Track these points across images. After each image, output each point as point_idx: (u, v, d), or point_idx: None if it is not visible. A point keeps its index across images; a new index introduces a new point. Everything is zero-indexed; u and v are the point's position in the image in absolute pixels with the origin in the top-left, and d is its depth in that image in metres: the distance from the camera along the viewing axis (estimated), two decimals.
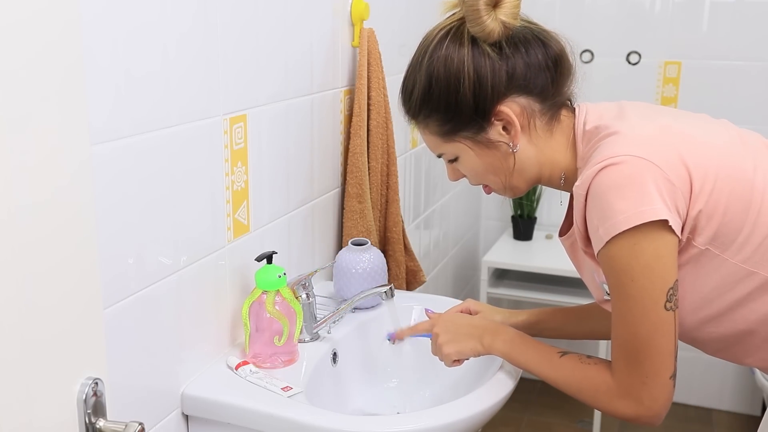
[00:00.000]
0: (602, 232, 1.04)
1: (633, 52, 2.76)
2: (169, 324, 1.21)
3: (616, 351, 1.09)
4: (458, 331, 1.29)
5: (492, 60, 1.12)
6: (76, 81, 0.78)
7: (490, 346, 1.25)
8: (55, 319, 0.78)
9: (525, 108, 1.15)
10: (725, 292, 1.09)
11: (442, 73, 1.14)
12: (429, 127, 1.20)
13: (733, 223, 1.06)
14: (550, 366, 1.18)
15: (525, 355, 1.21)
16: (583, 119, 1.17)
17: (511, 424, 2.82)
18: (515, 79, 1.13)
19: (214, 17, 1.23)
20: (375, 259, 1.58)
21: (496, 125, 1.15)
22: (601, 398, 1.12)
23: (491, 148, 1.17)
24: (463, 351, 1.27)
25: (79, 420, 0.82)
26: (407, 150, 2.14)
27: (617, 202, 1.02)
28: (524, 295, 2.68)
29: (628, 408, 1.09)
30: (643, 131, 1.09)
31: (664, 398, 1.08)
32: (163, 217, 1.17)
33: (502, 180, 1.21)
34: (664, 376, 1.07)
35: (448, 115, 1.16)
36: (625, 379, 1.08)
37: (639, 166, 1.02)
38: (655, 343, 1.05)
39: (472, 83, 1.12)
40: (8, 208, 0.70)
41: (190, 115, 1.20)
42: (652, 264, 1.03)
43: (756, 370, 2.42)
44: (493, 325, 1.29)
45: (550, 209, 2.96)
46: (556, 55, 1.15)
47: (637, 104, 1.19)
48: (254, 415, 1.21)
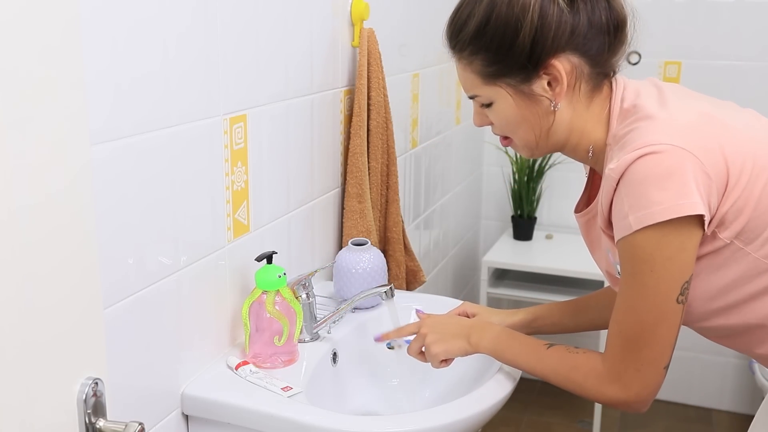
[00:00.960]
0: (633, 219, 1.02)
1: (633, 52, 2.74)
2: (169, 324, 1.21)
3: (615, 336, 1.09)
4: (445, 331, 1.28)
5: (560, 10, 1.08)
6: (76, 81, 0.78)
7: (477, 344, 1.24)
8: (55, 319, 0.78)
9: (576, 67, 1.11)
10: (742, 285, 1.08)
11: (504, 11, 1.09)
12: (472, 65, 1.14)
13: (762, 218, 1.04)
14: (537, 358, 1.17)
15: (511, 350, 1.21)
16: (621, 95, 1.14)
17: (511, 424, 2.82)
18: (576, 36, 1.09)
19: (214, 17, 1.23)
20: (375, 259, 1.58)
21: (543, 79, 1.11)
22: (589, 384, 1.11)
23: (532, 100, 1.13)
24: (451, 350, 1.26)
25: (79, 420, 0.82)
26: (407, 150, 2.14)
27: (655, 192, 1.00)
28: (524, 295, 2.68)
29: (616, 393, 1.09)
30: (684, 118, 1.06)
31: (655, 386, 1.08)
32: (163, 217, 1.17)
33: (534, 137, 1.16)
34: (660, 365, 1.07)
35: (498, 57, 1.11)
36: (618, 364, 1.08)
37: (680, 157, 1.00)
38: (659, 332, 1.05)
39: (533, 29, 1.07)
40: (8, 208, 0.70)
41: (190, 115, 1.20)
42: (675, 257, 1.02)
43: (756, 369, 2.42)
44: (481, 323, 1.28)
45: (550, 209, 2.96)
46: (619, 21, 1.12)
47: (670, 85, 1.16)
48: (254, 415, 1.21)
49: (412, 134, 2.16)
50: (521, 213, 2.87)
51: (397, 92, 1.99)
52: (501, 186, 2.97)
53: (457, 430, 1.20)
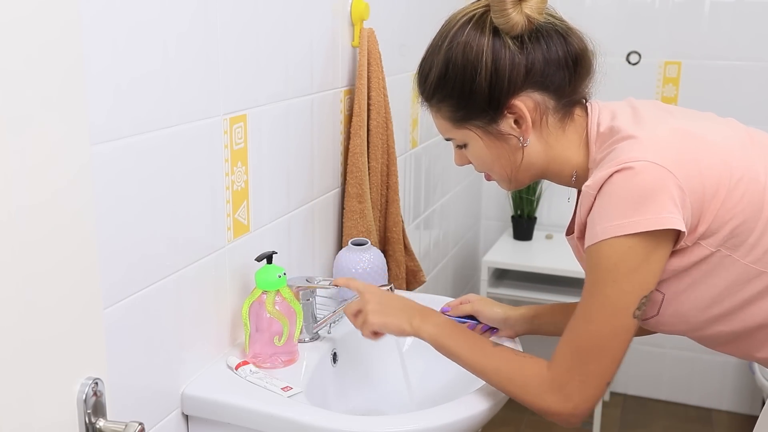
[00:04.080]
0: (600, 229, 1.03)
1: (633, 52, 2.76)
2: (169, 324, 1.21)
3: (566, 344, 1.09)
4: (389, 304, 1.26)
5: (512, 53, 1.11)
6: (76, 81, 0.78)
7: (419, 328, 1.21)
8: (55, 319, 0.78)
9: (539, 104, 1.14)
10: (735, 292, 1.09)
11: (460, 60, 1.13)
12: (441, 112, 1.19)
13: (745, 225, 1.05)
14: (481, 353, 1.16)
15: (453, 340, 1.19)
16: (596, 119, 1.16)
17: (511, 424, 2.82)
18: (533, 75, 1.11)
19: (214, 17, 1.23)
20: (375, 259, 1.58)
21: (508, 118, 1.14)
22: (530, 390, 1.10)
23: (501, 139, 1.16)
24: (388, 325, 1.24)
25: (79, 420, 0.82)
26: (407, 150, 2.14)
27: (628, 206, 1.01)
28: (524, 295, 2.68)
29: (556, 403, 1.08)
30: (659, 135, 1.07)
31: (594, 401, 1.08)
32: (162, 217, 1.17)
33: (507, 172, 1.20)
34: (603, 381, 1.07)
35: (461, 103, 1.15)
36: (564, 374, 1.08)
37: (655, 173, 1.02)
38: (610, 346, 1.06)
39: (489, 74, 1.11)
40: (8, 208, 0.70)
41: (190, 114, 1.20)
42: (639, 270, 1.03)
43: (756, 369, 2.42)
44: (426, 309, 1.25)
45: (550, 209, 2.96)
46: (577, 54, 1.14)
47: (646, 103, 1.18)
48: (254, 415, 1.21)
49: (412, 134, 2.16)
50: (521, 213, 2.87)
51: (397, 92, 1.99)
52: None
53: (457, 429, 1.20)
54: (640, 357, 2.99)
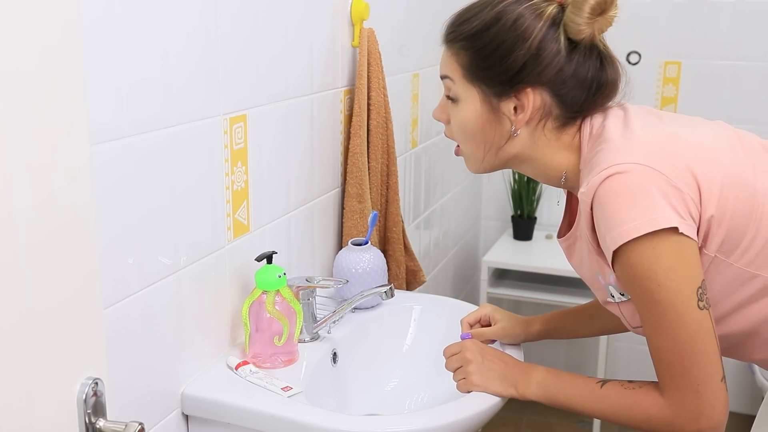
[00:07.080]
0: (609, 241, 1.03)
1: (633, 52, 2.76)
2: (169, 324, 1.21)
3: (660, 365, 1.05)
4: (491, 367, 1.24)
5: (558, 50, 1.11)
6: (76, 81, 0.78)
7: (524, 393, 1.20)
8: (55, 320, 0.78)
9: (545, 105, 1.13)
10: (729, 295, 1.09)
11: (508, 26, 1.12)
12: (459, 57, 1.17)
13: (738, 228, 1.05)
14: (594, 399, 1.13)
15: (563, 393, 1.16)
16: (590, 121, 1.16)
17: (511, 424, 2.82)
18: (558, 79, 1.12)
19: (215, 17, 1.23)
20: (375, 259, 1.58)
21: (512, 101, 1.14)
22: (655, 422, 1.06)
23: (494, 116, 1.16)
24: (489, 389, 1.22)
25: (79, 420, 0.82)
26: (407, 150, 2.14)
27: (624, 211, 1.01)
28: (524, 295, 2.68)
29: (688, 425, 1.03)
30: (648, 138, 1.08)
31: (721, 404, 1.03)
32: (162, 217, 1.17)
33: (483, 151, 1.18)
34: (715, 380, 1.02)
35: (485, 62, 1.14)
36: (676, 393, 1.04)
37: (645, 174, 1.01)
38: (697, 345, 1.02)
39: (528, 54, 1.10)
40: (8, 209, 0.70)
41: (190, 115, 1.20)
42: (676, 265, 1.01)
43: (756, 369, 2.42)
44: (523, 367, 1.23)
45: (550, 209, 2.96)
46: (605, 82, 1.14)
47: (636, 109, 1.18)
48: (254, 415, 1.21)
49: (412, 134, 2.16)
50: (521, 213, 2.87)
51: (397, 92, 1.99)
52: (501, 186, 2.97)
53: (458, 429, 1.20)
54: (640, 357, 2.99)
